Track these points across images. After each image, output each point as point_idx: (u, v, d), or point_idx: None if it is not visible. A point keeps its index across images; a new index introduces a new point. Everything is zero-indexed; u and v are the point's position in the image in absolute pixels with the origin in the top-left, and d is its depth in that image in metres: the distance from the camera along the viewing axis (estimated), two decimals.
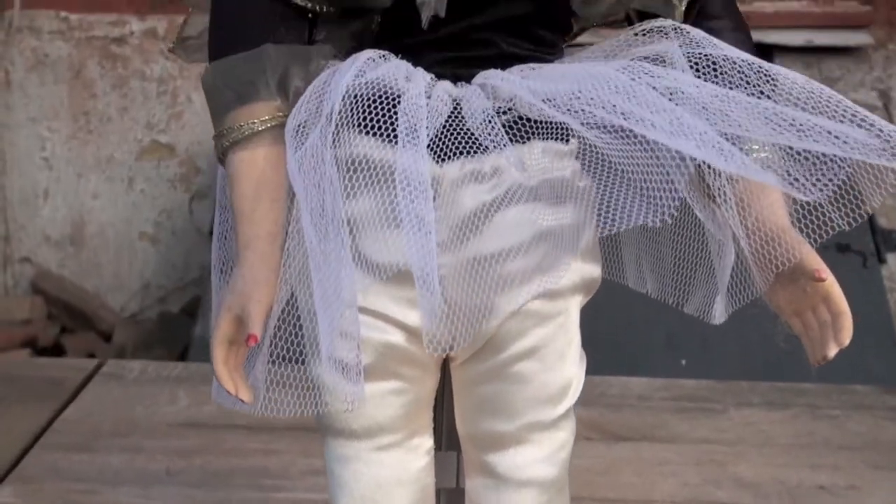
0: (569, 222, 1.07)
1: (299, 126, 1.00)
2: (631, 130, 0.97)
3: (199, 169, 3.96)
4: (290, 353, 1.03)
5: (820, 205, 1.02)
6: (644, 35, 1.09)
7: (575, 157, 1.07)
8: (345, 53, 1.08)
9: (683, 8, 1.10)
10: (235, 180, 1.01)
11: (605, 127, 1.00)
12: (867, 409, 2.37)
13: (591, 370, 1.17)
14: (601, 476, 2.05)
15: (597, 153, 1.04)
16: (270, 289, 1.00)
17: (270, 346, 1.02)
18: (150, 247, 4.00)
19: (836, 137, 0.96)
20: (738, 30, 1.15)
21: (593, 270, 1.11)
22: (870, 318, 3.30)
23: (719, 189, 1.02)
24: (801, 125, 0.97)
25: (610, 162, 1.03)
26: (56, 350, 3.83)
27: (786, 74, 1.03)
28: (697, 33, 1.08)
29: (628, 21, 1.15)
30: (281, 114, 1.01)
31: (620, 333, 2.93)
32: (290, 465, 2.00)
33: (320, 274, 0.96)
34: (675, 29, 1.08)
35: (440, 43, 1.04)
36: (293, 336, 1.03)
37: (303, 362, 1.04)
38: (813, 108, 1.01)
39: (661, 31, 1.09)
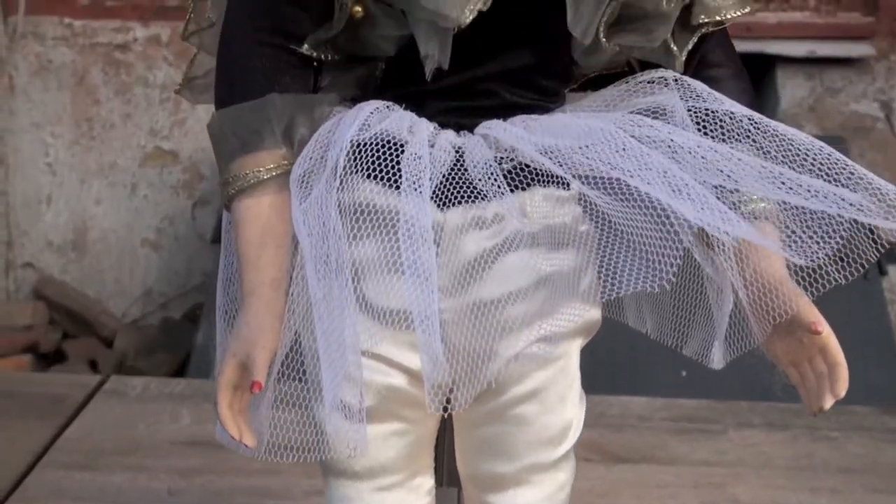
0: (569, 267, 1.07)
1: (304, 175, 1.01)
2: (630, 189, 0.98)
3: (202, 175, 3.97)
4: (294, 397, 1.04)
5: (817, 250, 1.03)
6: (645, 85, 1.10)
7: (576, 201, 1.08)
8: (349, 99, 1.09)
9: (683, 58, 1.10)
10: (241, 227, 1.02)
11: (605, 184, 1.00)
12: (866, 430, 2.38)
13: (591, 385, 1.18)
14: (601, 498, 2.06)
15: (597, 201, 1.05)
16: (275, 335, 1.01)
17: (274, 390, 1.03)
18: (153, 253, 4.01)
19: (836, 198, 0.97)
20: (738, 78, 1.16)
21: (594, 313, 1.12)
22: (870, 331, 3.31)
23: (717, 239, 1.02)
24: (801, 186, 0.98)
25: (610, 220, 1.04)
26: (58, 356, 3.85)
27: (788, 132, 1.04)
28: (698, 85, 1.09)
29: (630, 69, 1.16)
30: (286, 162, 1.02)
31: (619, 341, 2.95)
32: (292, 485, 2.01)
33: (323, 322, 0.98)
34: (676, 80, 1.09)
35: (443, 93, 1.05)
36: (297, 381, 1.04)
37: (307, 406, 1.05)
38: (813, 164, 1.02)
39: (663, 81, 1.10)
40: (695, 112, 1.06)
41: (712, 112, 1.06)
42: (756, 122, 1.05)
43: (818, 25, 3.93)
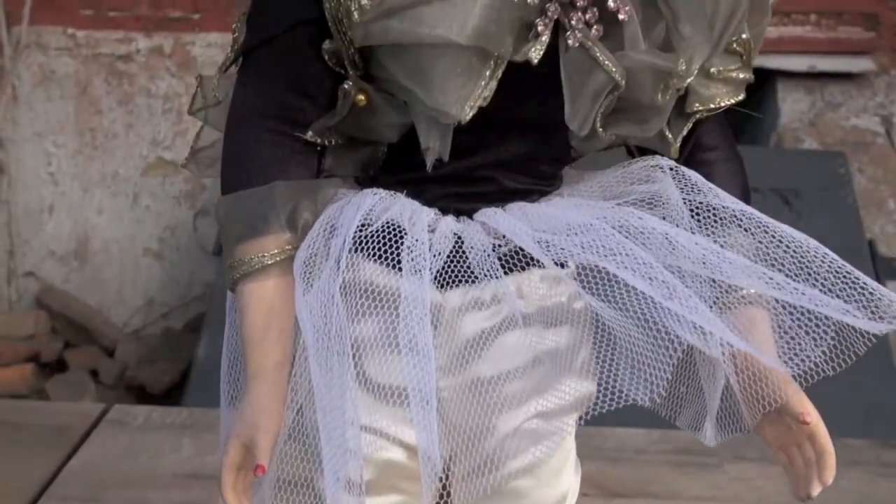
0: (565, 344, 1.10)
1: (308, 260, 1.03)
2: (624, 290, 1.00)
3: (204, 186, 3.98)
4: (296, 476, 1.06)
5: (805, 351, 1.05)
6: (641, 172, 1.12)
7: (573, 277, 1.09)
8: (352, 179, 1.12)
9: (678, 145, 1.12)
10: (245, 311, 1.04)
11: (599, 279, 1.02)
12: (862, 465, 2.39)
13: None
14: None
15: (594, 277, 1.06)
16: (278, 418, 1.03)
17: (277, 470, 1.05)
18: (155, 263, 4.03)
19: (826, 300, 0.99)
20: (731, 160, 1.17)
21: (589, 387, 1.14)
22: (869, 351, 3.32)
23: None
24: (794, 289, 1.00)
25: (605, 327, 1.06)
26: (59, 365, 3.87)
27: (784, 230, 1.06)
28: (695, 176, 1.10)
29: (627, 149, 1.17)
30: (290, 247, 1.04)
31: None
32: None
33: (324, 398, 1.00)
34: (673, 169, 1.11)
35: (443, 179, 1.07)
36: (299, 460, 1.06)
37: (308, 481, 1.07)
38: (808, 262, 1.04)
39: (658, 168, 1.11)
40: (695, 206, 1.08)
41: (712, 207, 1.08)
42: (754, 220, 1.07)
43: (819, 40, 3.94)
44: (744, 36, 1.10)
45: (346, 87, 1.03)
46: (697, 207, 1.08)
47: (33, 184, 3.98)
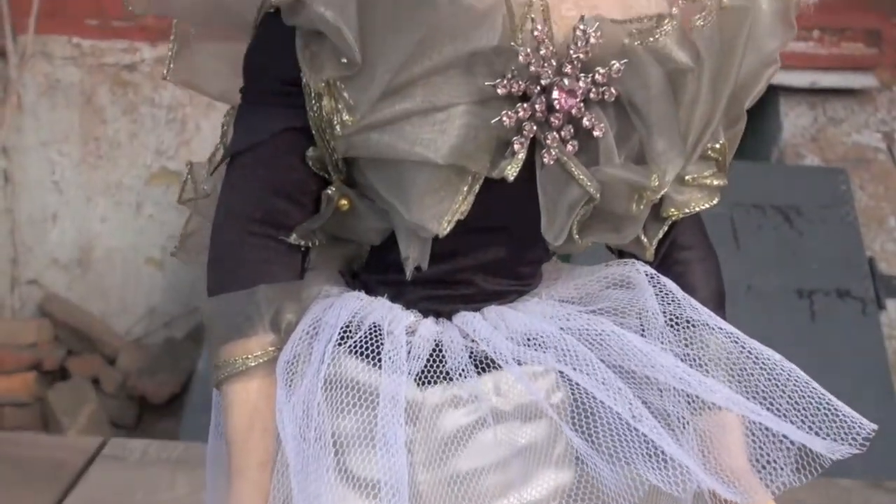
0: (543, 437, 1.12)
1: (290, 361, 1.05)
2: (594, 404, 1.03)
3: (207, 195, 3.99)
4: None
5: (775, 461, 1.07)
6: (619, 278, 1.14)
7: (551, 371, 1.11)
8: (337, 272, 1.15)
9: (653, 249, 1.14)
10: (229, 411, 1.06)
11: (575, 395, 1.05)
12: None
13: None
14: None
15: (576, 355, 1.08)
16: None
17: None
18: (157, 272, 4.05)
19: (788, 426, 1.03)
20: (707, 260, 1.19)
21: (566, 476, 1.15)
22: (867, 366, 3.33)
23: (681, 421, 1.06)
24: (771, 409, 1.04)
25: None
26: (61, 373, 3.88)
27: (756, 346, 1.08)
28: (672, 287, 1.11)
29: (606, 245, 1.19)
30: (273, 349, 1.06)
31: None
32: None
33: (304, 491, 1.01)
34: (651, 278, 1.12)
35: (424, 282, 1.09)
36: None
37: None
38: (777, 377, 1.06)
39: (637, 274, 1.13)
40: (668, 317, 1.10)
41: (687, 320, 1.10)
42: (732, 337, 1.09)
43: (821, 56, 3.96)
44: (719, 142, 1.11)
45: (329, 192, 1.05)
46: (674, 319, 1.10)
47: (37, 192, 4.00)
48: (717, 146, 1.11)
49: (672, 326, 1.09)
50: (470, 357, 1.07)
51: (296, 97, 1.01)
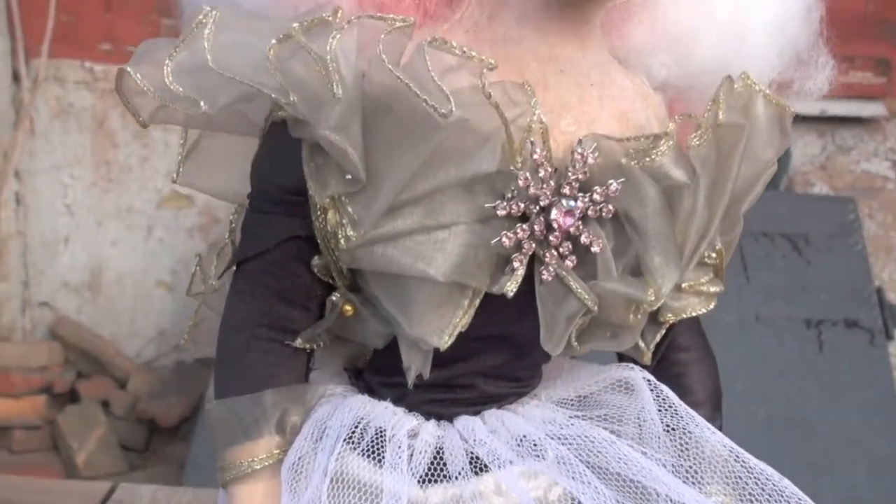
0: None
1: (296, 463, 1.06)
2: None
3: (217, 219, 4.02)
4: None
5: None
6: (617, 382, 1.14)
7: (552, 466, 1.12)
8: (339, 371, 1.17)
9: (650, 353, 1.15)
10: None
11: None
12: None
13: None
14: None
15: (571, 464, 1.09)
16: None
17: None
18: (167, 295, 4.07)
19: None
20: (704, 361, 1.20)
21: None
22: (875, 397, 3.34)
23: None
24: None
25: None
26: (71, 396, 3.90)
27: (756, 464, 1.08)
28: (672, 397, 1.12)
29: None
30: (278, 451, 1.07)
31: None
32: None
33: None
34: (651, 386, 1.13)
35: (425, 386, 1.10)
36: None
37: None
38: (778, 498, 1.06)
39: (637, 380, 1.13)
40: (667, 427, 1.10)
41: (686, 431, 1.10)
42: (728, 448, 1.09)
43: (830, 84, 3.96)
44: (717, 248, 1.12)
45: (334, 298, 1.06)
46: (672, 429, 1.10)
47: (49, 215, 4.02)
48: (714, 253, 1.13)
49: (669, 433, 1.10)
50: (470, 461, 1.08)
51: (301, 206, 1.02)
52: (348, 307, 1.06)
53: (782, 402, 3.29)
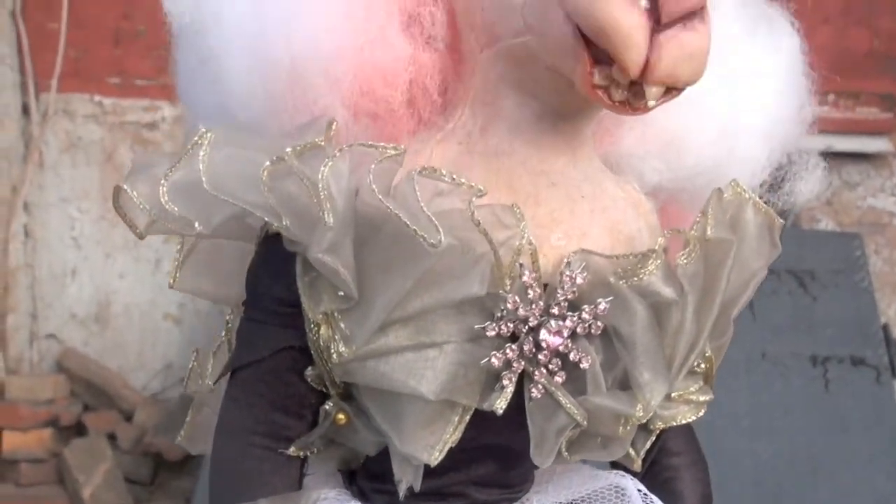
0: None
1: None
2: None
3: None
4: None
5: None
6: (610, 491, 1.16)
7: None
8: (332, 473, 1.18)
9: (640, 461, 1.16)
10: None
11: None
12: None
13: None
14: None
15: None
16: None
17: None
18: (174, 328, 4.07)
19: None
20: (695, 465, 1.21)
21: None
22: (880, 435, 3.33)
23: None
24: None
25: None
26: (78, 429, 3.90)
27: None
28: None
29: None
30: None
31: None
32: None
33: None
34: (640, 492, 1.15)
35: (417, 494, 1.10)
36: None
37: None
38: None
39: (628, 487, 1.15)
40: None
41: None
42: None
43: (836, 120, 3.97)
44: (706, 354, 1.13)
45: (327, 407, 1.07)
46: None
47: (57, 248, 4.03)
48: (704, 361, 1.13)
49: None
50: None
51: (295, 318, 1.02)
52: (341, 416, 1.07)
53: (788, 440, 3.28)
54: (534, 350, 1.01)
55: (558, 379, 1.02)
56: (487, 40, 1.03)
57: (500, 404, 1.01)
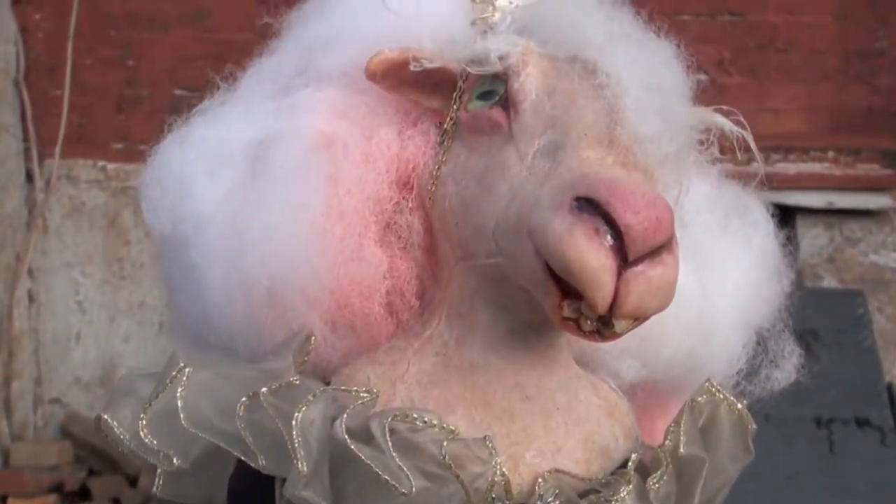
0: None
1: None
2: None
3: None
4: None
5: None
6: None
7: None
8: None
9: None
10: None
11: None
12: None
13: None
14: None
15: None
16: None
17: None
18: None
19: None
20: None
21: None
22: (886, 499, 3.31)
23: None
24: None
25: None
26: (83, 494, 3.90)
27: None
28: None
29: None
30: None
31: None
32: None
33: None
34: None
35: None
36: None
37: None
38: None
39: None
40: None
41: None
42: None
43: (837, 177, 3.99)
44: None
45: None
46: None
47: (61, 312, 4.05)
48: None
49: None
50: None
51: None
52: None
53: (793, 503, 3.27)
54: None
55: None
56: (462, 255, 1.04)
57: None
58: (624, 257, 0.89)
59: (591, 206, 0.89)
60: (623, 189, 0.88)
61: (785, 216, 4.03)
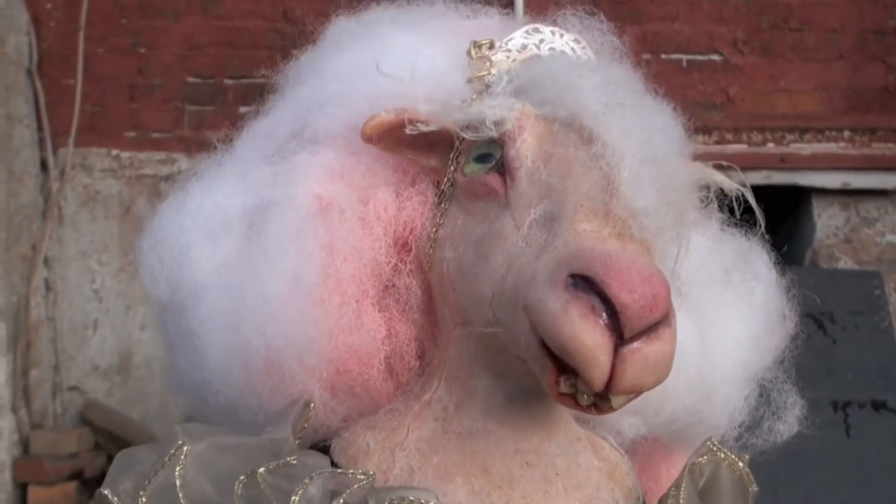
0: None
1: None
2: None
3: None
4: None
5: None
6: None
7: None
8: None
9: None
10: None
11: None
12: None
13: None
14: None
15: None
16: None
17: None
18: None
19: None
20: None
21: None
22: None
23: None
24: None
25: None
26: (102, 480, 3.92)
27: None
28: None
29: None
30: None
31: None
32: None
33: None
34: None
35: None
36: None
37: None
38: None
39: None
40: None
41: None
42: None
43: (852, 157, 3.96)
44: None
45: None
46: None
47: (78, 301, 4.06)
48: None
49: None
50: None
51: None
52: None
53: (809, 489, 3.27)
54: None
55: None
56: (460, 320, 1.04)
57: None
58: (620, 334, 0.88)
59: (586, 284, 0.88)
60: (619, 266, 0.87)
61: (801, 196, 4.02)
